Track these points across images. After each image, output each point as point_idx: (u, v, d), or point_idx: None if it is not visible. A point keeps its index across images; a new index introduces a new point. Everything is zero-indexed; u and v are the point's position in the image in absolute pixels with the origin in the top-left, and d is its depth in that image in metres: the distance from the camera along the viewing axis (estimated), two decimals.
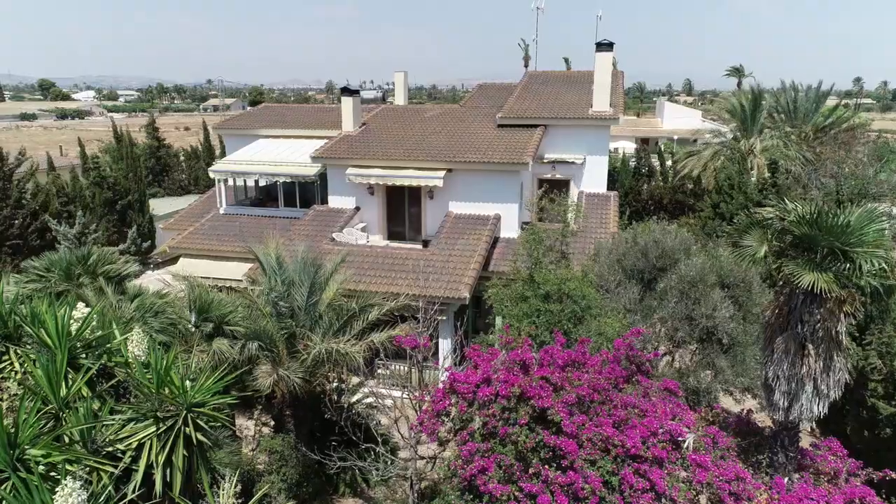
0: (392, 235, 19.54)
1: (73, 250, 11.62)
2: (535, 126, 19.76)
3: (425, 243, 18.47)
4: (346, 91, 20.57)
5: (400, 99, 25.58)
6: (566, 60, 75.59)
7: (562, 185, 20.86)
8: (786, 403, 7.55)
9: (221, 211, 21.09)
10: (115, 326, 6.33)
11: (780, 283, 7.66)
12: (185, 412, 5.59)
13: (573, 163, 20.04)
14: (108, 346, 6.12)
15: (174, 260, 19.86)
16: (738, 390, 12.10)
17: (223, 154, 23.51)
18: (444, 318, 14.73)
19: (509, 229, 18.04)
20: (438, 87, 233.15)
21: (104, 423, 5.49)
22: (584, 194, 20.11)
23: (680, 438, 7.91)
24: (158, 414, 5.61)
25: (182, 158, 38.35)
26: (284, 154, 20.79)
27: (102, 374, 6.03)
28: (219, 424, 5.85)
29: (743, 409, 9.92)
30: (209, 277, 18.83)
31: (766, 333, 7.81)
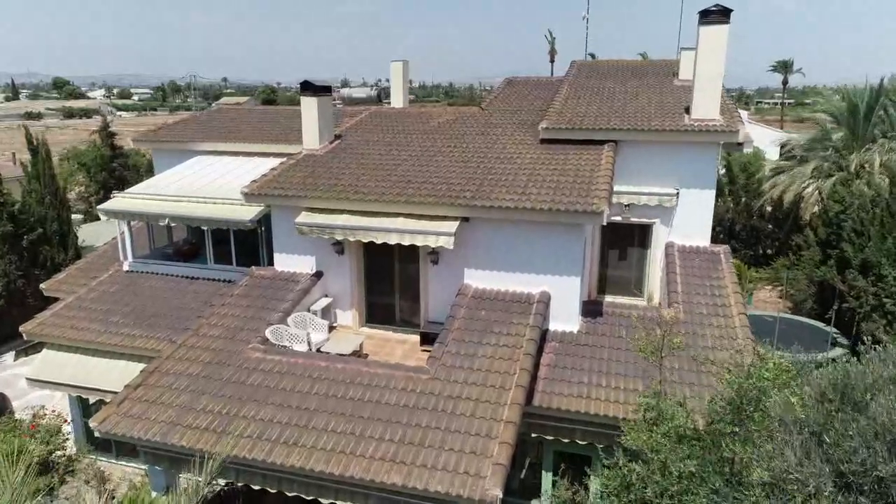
0: (373, 317, 12.39)
1: None
2: (602, 142, 12.54)
3: (425, 337, 11.32)
4: (309, 88, 13.33)
5: (397, 99, 18.37)
6: (592, 56, 67.86)
7: (638, 234, 13.58)
8: None
9: (125, 267, 14.15)
10: None
11: None
12: None
13: (661, 198, 12.77)
14: None
15: (41, 346, 12.96)
16: None
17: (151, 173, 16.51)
18: None
19: (566, 317, 10.82)
20: (455, 84, 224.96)
21: None
22: (675, 249, 12.82)
23: None
24: None
25: (142, 171, 31.53)
26: (217, 182, 13.75)
27: None
28: None
29: None
30: (79, 387, 11.89)
31: None
